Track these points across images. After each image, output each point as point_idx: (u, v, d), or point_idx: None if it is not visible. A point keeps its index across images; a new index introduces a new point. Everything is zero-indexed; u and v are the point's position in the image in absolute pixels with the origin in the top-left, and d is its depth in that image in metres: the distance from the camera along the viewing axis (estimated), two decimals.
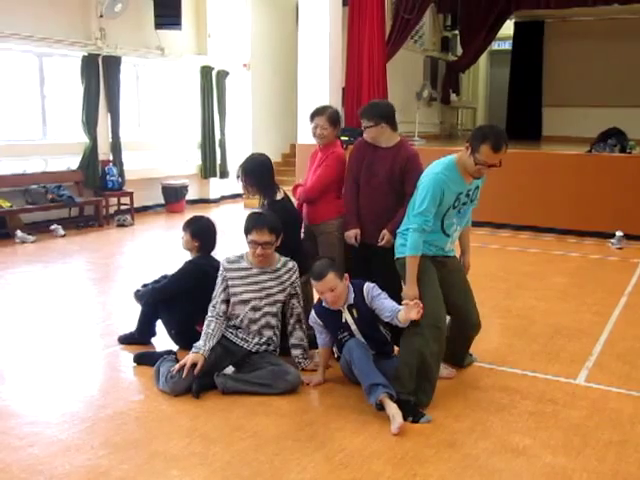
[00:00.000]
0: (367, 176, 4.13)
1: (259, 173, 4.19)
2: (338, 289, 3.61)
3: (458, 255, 4.02)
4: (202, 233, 4.44)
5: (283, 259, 3.95)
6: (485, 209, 4.44)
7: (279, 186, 4.30)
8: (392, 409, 3.30)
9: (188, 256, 4.51)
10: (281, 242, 3.89)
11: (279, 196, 4.23)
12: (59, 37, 9.14)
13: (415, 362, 3.47)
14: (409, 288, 3.61)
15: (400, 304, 3.56)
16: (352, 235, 4.22)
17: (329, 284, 3.59)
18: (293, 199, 4.48)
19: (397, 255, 3.73)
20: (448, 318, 3.83)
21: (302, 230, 4.49)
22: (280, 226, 3.84)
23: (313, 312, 3.83)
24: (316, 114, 4.36)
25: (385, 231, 4.02)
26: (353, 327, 3.69)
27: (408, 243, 3.60)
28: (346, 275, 3.71)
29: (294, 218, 4.30)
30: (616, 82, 15.39)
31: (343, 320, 3.70)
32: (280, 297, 3.92)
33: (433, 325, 3.52)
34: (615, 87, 15.39)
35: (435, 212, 3.58)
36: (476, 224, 4.11)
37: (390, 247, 3.88)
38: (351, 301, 3.68)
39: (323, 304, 3.73)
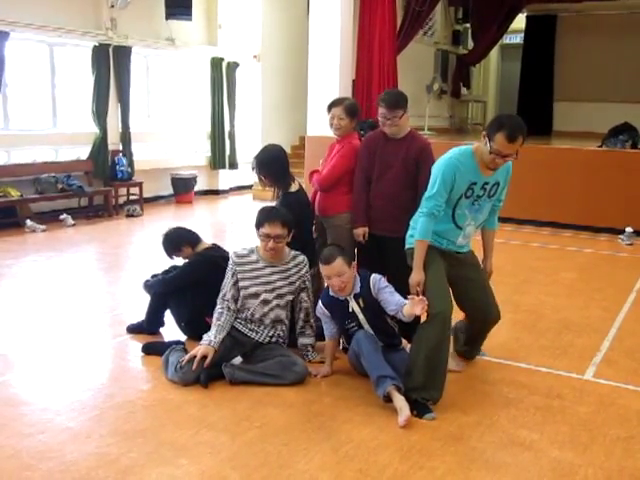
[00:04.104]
0: (381, 169, 4.12)
1: (273, 165, 4.19)
2: (346, 275, 3.61)
3: (480, 259, 3.93)
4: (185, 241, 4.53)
5: (293, 253, 3.95)
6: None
7: (294, 178, 4.29)
8: (399, 401, 3.30)
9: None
10: (293, 235, 3.90)
11: (294, 188, 4.22)
12: (70, 27, 9.15)
13: (423, 356, 3.46)
14: (415, 273, 3.58)
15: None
16: (361, 233, 4.21)
17: (337, 269, 3.59)
18: (309, 185, 4.46)
19: (407, 246, 3.71)
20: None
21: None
22: (292, 220, 3.84)
23: (320, 302, 3.83)
24: (333, 105, 4.35)
25: None
26: (360, 317, 3.70)
27: (417, 227, 3.57)
28: (354, 263, 3.72)
29: (307, 211, 4.29)
30: (628, 77, 15.27)
31: (350, 310, 3.70)
32: (290, 290, 3.93)
33: (438, 316, 3.47)
34: (627, 82, 15.27)
35: (447, 199, 3.54)
36: None
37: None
38: (357, 290, 3.69)
39: (330, 293, 3.74)
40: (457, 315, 3.89)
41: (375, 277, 3.69)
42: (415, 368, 3.46)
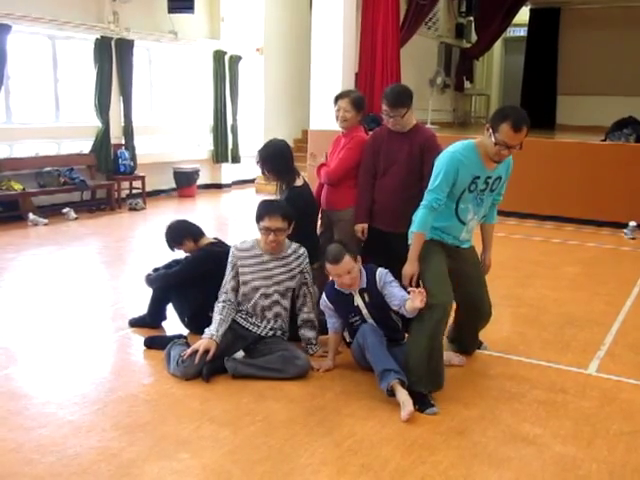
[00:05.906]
0: (387, 164, 4.09)
1: (277, 159, 4.18)
2: (354, 271, 3.61)
3: (479, 252, 3.94)
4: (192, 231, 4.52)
5: (294, 245, 3.95)
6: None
7: (299, 172, 4.27)
8: (403, 396, 3.30)
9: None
10: (296, 229, 3.88)
11: (298, 182, 4.21)
12: (72, 20, 9.12)
13: (424, 346, 3.45)
14: (409, 265, 3.56)
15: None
16: (360, 229, 4.20)
17: (346, 267, 3.58)
18: (315, 178, 4.45)
19: (410, 241, 3.69)
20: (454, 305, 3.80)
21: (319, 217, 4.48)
22: (292, 212, 3.83)
23: (324, 296, 3.82)
24: (339, 97, 4.32)
25: None
26: (364, 311, 3.69)
27: (416, 219, 3.56)
28: (358, 257, 3.71)
29: (311, 206, 4.28)
30: (632, 71, 15.19)
31: (355, 304, 3.70)
32: (290, 284, 3.93)
33: (437, 307, 3.45)
34: (631, 76, 15.19)
35: (449, 193, 3.52)
36: None
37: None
38: (363, 285, 3.68)
39: (335, 286, 3.73)
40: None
41: (381, 271, 3.69)
42: (417, 360, 3.45)
